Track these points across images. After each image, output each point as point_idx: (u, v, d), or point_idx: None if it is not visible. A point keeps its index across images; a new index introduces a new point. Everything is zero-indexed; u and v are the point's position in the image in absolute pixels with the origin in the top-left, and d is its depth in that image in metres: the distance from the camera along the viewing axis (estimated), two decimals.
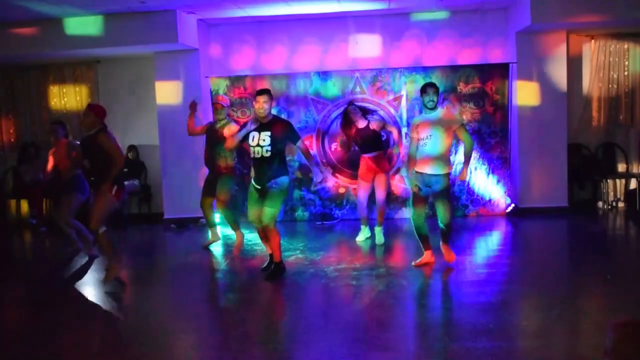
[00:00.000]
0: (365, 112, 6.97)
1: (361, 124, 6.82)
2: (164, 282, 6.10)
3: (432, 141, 5.46)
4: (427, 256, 5.79)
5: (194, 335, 4.40)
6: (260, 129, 5.38)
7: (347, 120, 6.90)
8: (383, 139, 7.28)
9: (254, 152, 5.37)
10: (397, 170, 8.49)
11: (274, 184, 5.39)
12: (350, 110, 6.87)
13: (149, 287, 5.89)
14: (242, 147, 5.72)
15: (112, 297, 5.36)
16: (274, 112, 5.87)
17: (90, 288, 5.63)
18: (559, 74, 8.43)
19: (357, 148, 7.02)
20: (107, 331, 4.45)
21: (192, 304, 5.15)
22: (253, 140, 5.36)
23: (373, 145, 6.83)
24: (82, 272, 6.26)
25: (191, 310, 4.97)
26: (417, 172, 5.56)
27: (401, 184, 8.49)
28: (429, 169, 5.48)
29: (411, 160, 5.63)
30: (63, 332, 4.45)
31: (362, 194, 6.95)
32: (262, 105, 5.35)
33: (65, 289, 5.73)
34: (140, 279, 6.13)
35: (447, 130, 5.49)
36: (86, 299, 5.35)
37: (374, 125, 6.81)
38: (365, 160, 6.86)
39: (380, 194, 6.84)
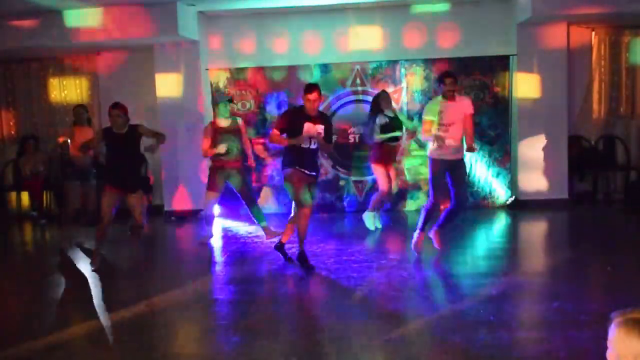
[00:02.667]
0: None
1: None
2: (164, 275, 6.11)
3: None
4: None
5: (192, 327, 4.42)
6: (311, 122, 5.55)
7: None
8: None
9: (307, 143, 5.57)
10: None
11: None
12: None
13: (151, 279, 5.91)
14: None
15: (112, 290, 5.38)
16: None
17: (89, 280, 5.64)
18: (560, 66, 8.42)
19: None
20: (108, 324, 4.47)
21: (192, 296, 5.17)
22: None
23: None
24: (79, 265, 6.28)
25: (190, 303, 4.99)
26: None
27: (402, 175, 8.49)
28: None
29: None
30: (62, 325, 4.47)
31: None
32: (315, 103, 5.53)
33: (66, 282, 5.75)
34: (141, 271, 6.15)
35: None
36: (85, 292, 5.37)
37: None
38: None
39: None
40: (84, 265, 6.19)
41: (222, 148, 6.55)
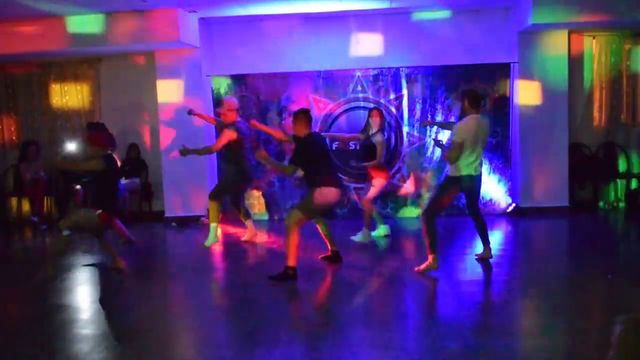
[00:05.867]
0: None
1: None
2: (166, 280, 6.10)
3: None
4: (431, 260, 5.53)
5: (194, 333, 4.41)
6: None
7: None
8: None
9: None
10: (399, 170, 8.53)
11: None
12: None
13: (151, 285, 5.90)
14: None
15: (114, 295, 5.38)
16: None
17: (90, 287, 5.64)
18: (560, 73, 8.44)
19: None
20: (108, 330, 4.46)
21: (194, 302, 5.16)
22: None
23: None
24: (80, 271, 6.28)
25: (192, 309, 4.98)
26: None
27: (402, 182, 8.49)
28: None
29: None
30: (65, 331, 4.45)
31: None
32: None
33: (64, 287, 5.75)
34: (142, 277, 6.14)
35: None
36: (87, 298, 5.36)
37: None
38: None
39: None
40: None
41: None
